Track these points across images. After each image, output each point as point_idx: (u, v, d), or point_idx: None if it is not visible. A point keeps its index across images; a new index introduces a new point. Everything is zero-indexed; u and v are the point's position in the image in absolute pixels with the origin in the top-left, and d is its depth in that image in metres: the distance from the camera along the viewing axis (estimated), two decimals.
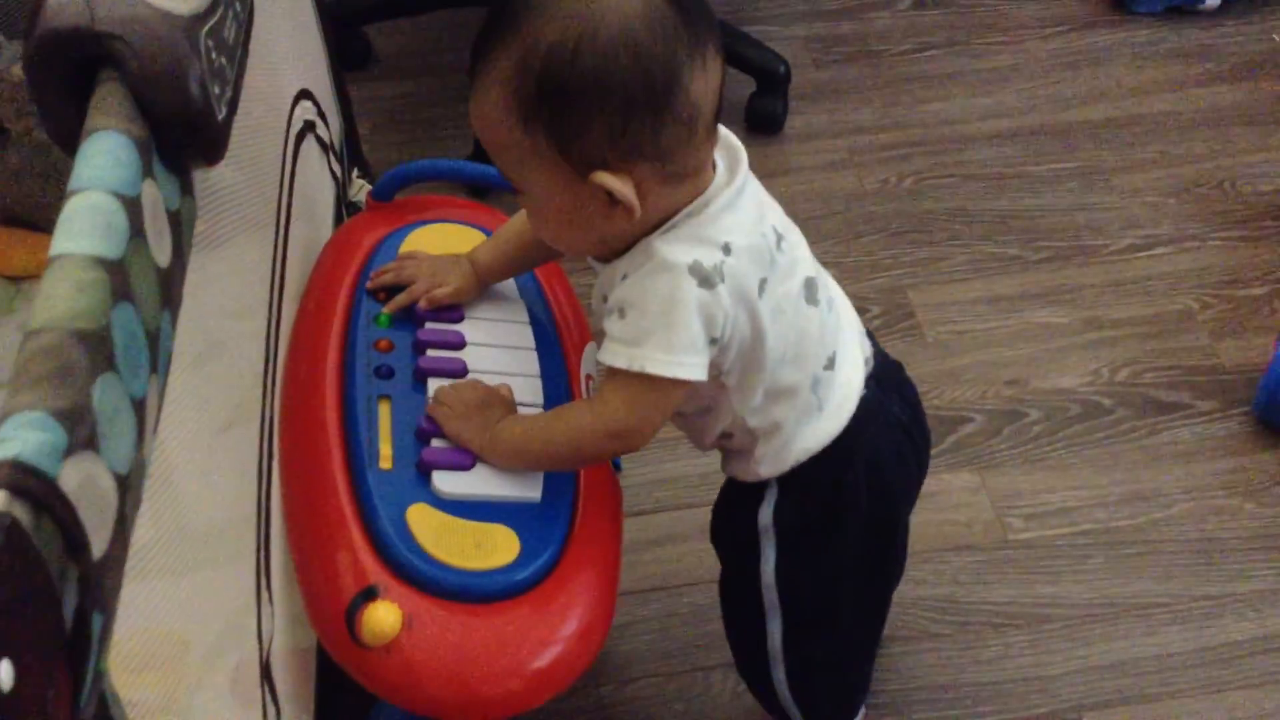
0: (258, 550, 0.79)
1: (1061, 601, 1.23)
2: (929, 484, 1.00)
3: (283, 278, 0.95)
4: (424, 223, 1.02)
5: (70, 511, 0.41)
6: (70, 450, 0.42)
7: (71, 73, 0.56)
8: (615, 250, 0.80)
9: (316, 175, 1.16)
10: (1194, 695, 1.15)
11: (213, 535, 0.82)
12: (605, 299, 0.80)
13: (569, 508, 0.86)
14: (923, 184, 1.67)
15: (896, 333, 1.47)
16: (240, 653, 0.80)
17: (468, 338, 0.93)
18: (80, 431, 0.43)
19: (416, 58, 1.90)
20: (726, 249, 0.77)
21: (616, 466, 1.29)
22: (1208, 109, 1.76)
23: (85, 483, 0.43)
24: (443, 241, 1.00)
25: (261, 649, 0.78)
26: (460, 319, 0.94)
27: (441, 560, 0.79)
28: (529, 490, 0.85)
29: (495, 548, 0.81)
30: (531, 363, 0.93)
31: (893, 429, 0.91)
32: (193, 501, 0.80)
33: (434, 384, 0.88)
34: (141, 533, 0.53)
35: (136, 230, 0.51)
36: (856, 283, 1.52)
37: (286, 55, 1.06)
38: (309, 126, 1.12)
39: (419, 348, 0.91)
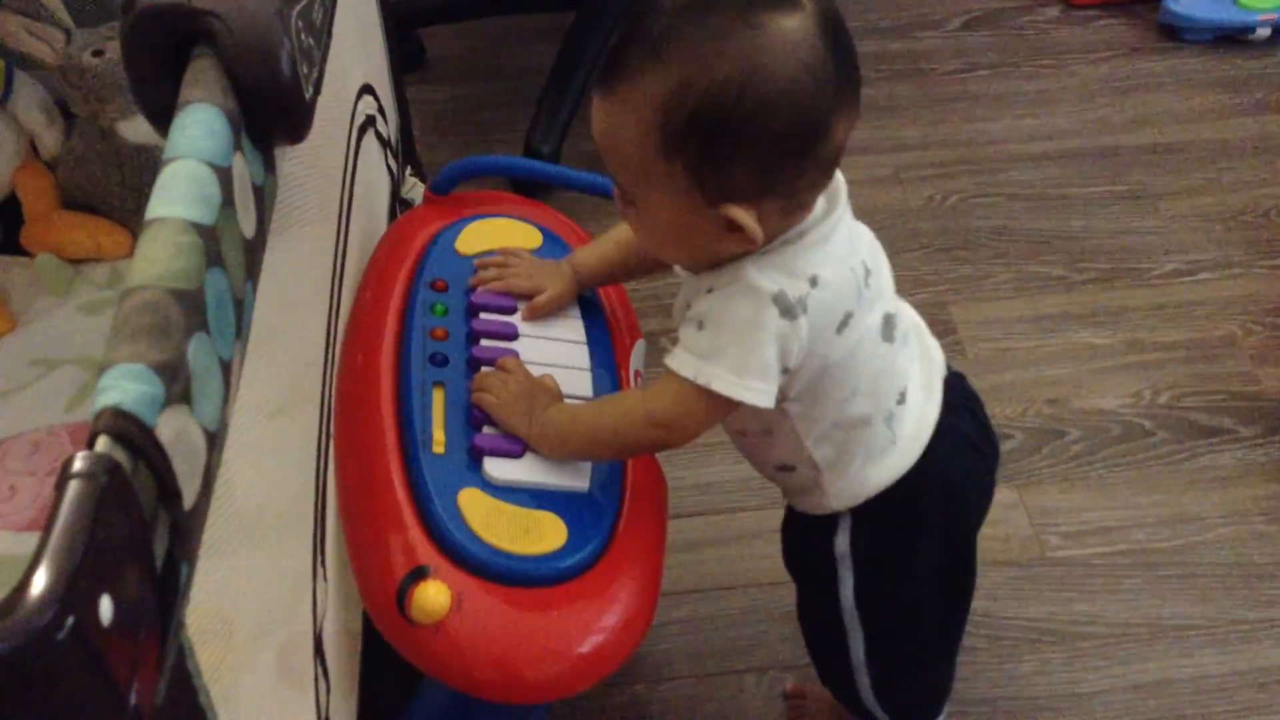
0: (314, 527, 0.81)
1: (1098, 620, 1.23)
2: None
3: (342, 269, 0.96)
4: (479, 217, 1.04)
5: (165, 461, 0.43)
6: (167, 403, 0.44)
7: (166, 48, 0.58)
8: (709, 264, 0.80)
9: (375, 170, 1.18)
10: (1229, 718, 1.15)
11: (262, 519, 0.84)
12: (689, 305, 0.81)
13: (616, 499, 0.87)
14: (968, 202, 1.68)
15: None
16: (288, 633, 0.81)
17: (521, 330, 0.94)
18: (176, 386, 0.44)
19: (467, 62, 1.93)
20: (814, 281, 0.76)
21: None
22: (1256, 137, 1.76)
23: (179, 435, 0.44)
24: (497, 236, 1.02)
25: (316, 625, 0.79)
26: (514, 310, 0.95)
27: (491, 544, 0.80)
28: (578, 480, 0.86)
29: (543, 534, 0.82)
30: (582, 356, 0.94)
31: (963, 449, 0.90)
32: (243, 485, 0.82)
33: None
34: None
35: (227, 200, 0.53)
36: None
37: (353, 50, 1.08)
38: (370, 121, 1.14)
39: (473, 337, 0.93)
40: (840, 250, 0.79)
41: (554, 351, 0.94)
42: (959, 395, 0.92)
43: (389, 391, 0.89)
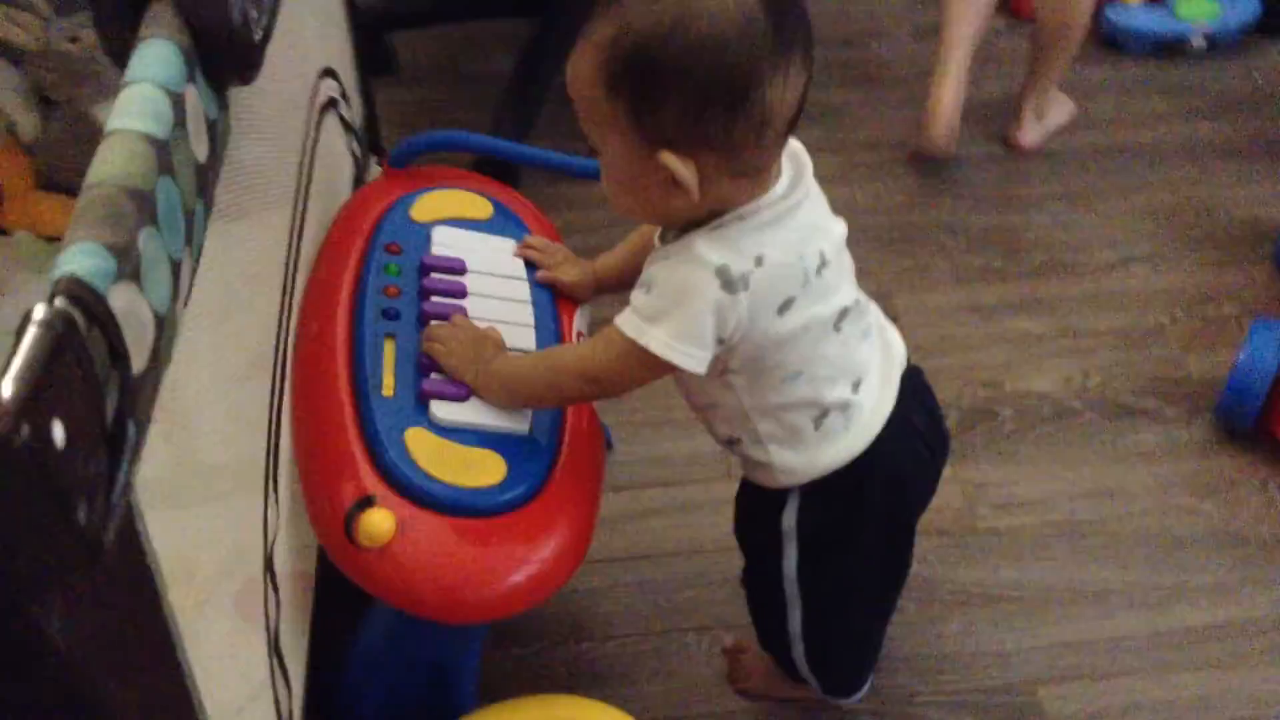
0: (267, 458, 0.87)
1: (1023, 584, 1.29)
2: None
3: (299, 242, 1.03)
4: (434, 188, 1.10)
5: (116, 326, 0.49)
6: (118, 277, 0.50)
7: None
8: (673, 233, 0.86)
9: (338, 151, 1.24)
10: (1144, 675, 1.21)
11: (224, 472, 0.90)
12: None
13: (555, 444, 0.93)
14: (913, 199, 1.75)
15: None
16: (245, 574, 0.87)
17: (469, 288, 1.00)
18: (126, 265, 0.50)
19: (437, 66, 2.00)
20: (759, 260, 0.81)
21: (608, 445, 1.37)
22: (1190, 141, 1.84)
23: (129, 308, 0.50)
24: (451, 206, 1.08)
25: (267, 546, 0.85)
26: (464, 272, 1.02)
27: (433, 475, 0.86)
28: (518, 424, 0.92)
29: (484, 470, 0.88)
30: (526, 314, 1.01)
31: (913, 440, 0.96)
32: (207, 442, 0.88)
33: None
34: (160, 468, 0.60)
35: (179, 122, 0.59)
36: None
37: (313, 34, 1.15)
38: (331, 103, 1.20)
39: (424, 294, 0.99)
40: (793, 237, 0.83)
41: (500, 309, 1.00)
42: (915, 389, 0.97)
43: (344, 341, 0.95)
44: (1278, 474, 1.38)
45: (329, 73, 1.19)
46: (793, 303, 0.83)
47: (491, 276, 1.03)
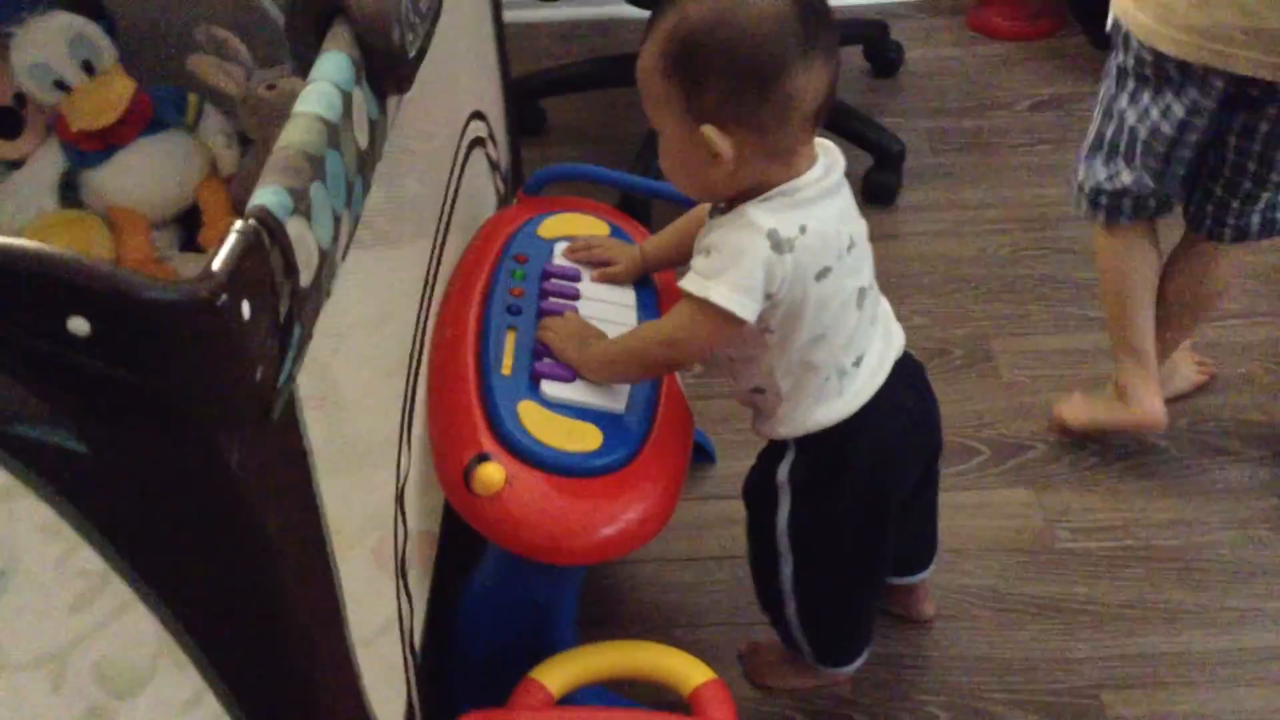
0: (402, 413, 1.04)
1: (1096, 600, 1.36)
2: (985, 495, 1.20)
3: (439, 264, 1.20)
4: (559, 212, 1.28)
5: (289, 247, 0.66)
6: (294, 212, 0.67)
7: (316, 21, 0.82)
8: (721, 208, 1.02)
9: (482, 185, 1.43)
10: (1207, 687, 1.27)
11: (366, 449, 1.07)
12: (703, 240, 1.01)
13: (646, 424, 1.08)
14: (1018, 254, 1.86)
15: (974, 373, 1.65)
16: (381, 532, 1.04)
17: (582, 293, 1.17)
18: (301, 205, 0.67)
19: (583, 128, 2.20)
20: (803, 229, 0.96)
21: (710, 458, 1.51)
22: None
23: (300, 235, 0.67)
24: (573, 225, 1.25)
25: (399, 482, 1.01)
26: (579, 279, 1.18)
27: (540, 440, 1.01)
28: (616, 403, 1.07)
29: (583, 438, 1.03)
30: (630, 316, 1.16)
31: (898, 414, 1.09)
32: (354, 424, 1.05)
33: None
34: (319, 442, 0.76)
35: (347, 112, 0.77)
36: (944, 330, 1.71)
37: (467, 79, 1.34)
38: (478, 142, 1.39)
39: (543, 295, 1.15)
40: (830, 214, 0.99)
41: (608, 310, 1.16)
42: (909, 375, 1.11)
43: (473, 331, 1.12)
44: None
45: (478, 115, 1.38)
46: (829, 272, 0.98)
47: (602, 284, 1.19)
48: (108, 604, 0.87)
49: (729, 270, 0.96)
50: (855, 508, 1.11)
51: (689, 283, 0.99)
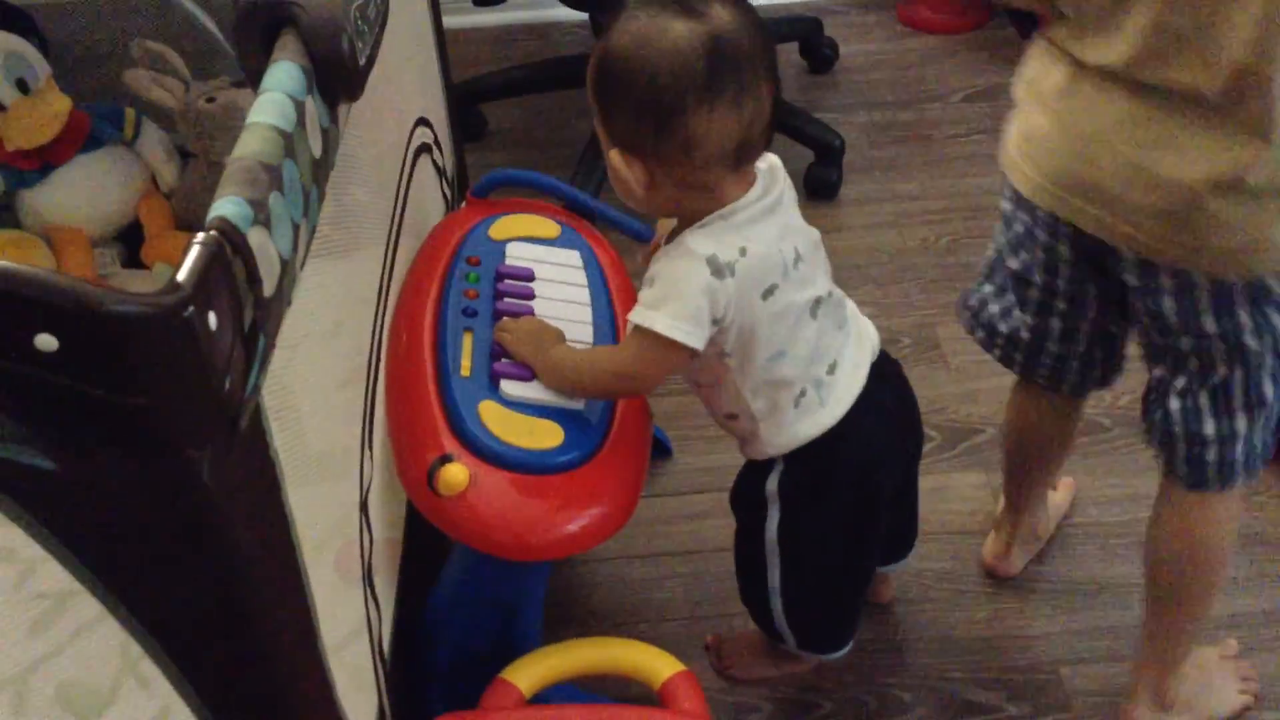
0: (363, 421, 1.04)
1: (1049, 577, 1.40)
2: (940, 480, 1.22)
3: (392, 269, 1.20)
4: (509, 213, 1.28)
5: (252, 257, 0.66)
6: (254, 223, 0.67)
7: (264, 30, 0.82)
8: (651, 211, 1.03)
9: (430, 191, 1.43)
10: None
11: (327, 459, 1.07)
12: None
13: (606, 421, 1.09)
14: (958, 243, 1.89)
15: (923, 360, 1.68)
16: (342, 540, 1.03)
17: (536, 292, 1.17)
18: (260, 215, 0.67)
19: (524, 132, 2.20)
20: (744, 251, 0.97)
21: (668, 452, 1.52)
22: None
23: (262, 245, 0.67)
24: (522, 226, 1.26)
25: (362, 492, 1.01)
26: (532, 279, 1.19)
27: (501, 439, 1.02)
28: (575, 400, 1.08)
29: (544, 436, 1.04)
30: (585, 314, 1.17)
31: (881, 415, 1.10)
32: (312, 434, 1.05)
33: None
34: (279, 448, 0.76)
35: (300, 122, 0.77)
36: (890, 319, 1.73)
37: (411, 86, 1.34)
38: (425, 148, 1.39)
39: (498, 296, 1.16)
40: (771, 233, 1.00)
41: (562, 309, 1.17)
42: (887, 374, 1.12)
43: (430, 334, 1.12)
44: None
45: (423, 121, 1.38)
46: (775, 289, 0.99)
47: (556, 283, 1.19)
48: (68, 625, 0.86)
49: (670, 300, 0.97)
50: (845, 513, 1.12)
51: (635, 314, 0.99)
